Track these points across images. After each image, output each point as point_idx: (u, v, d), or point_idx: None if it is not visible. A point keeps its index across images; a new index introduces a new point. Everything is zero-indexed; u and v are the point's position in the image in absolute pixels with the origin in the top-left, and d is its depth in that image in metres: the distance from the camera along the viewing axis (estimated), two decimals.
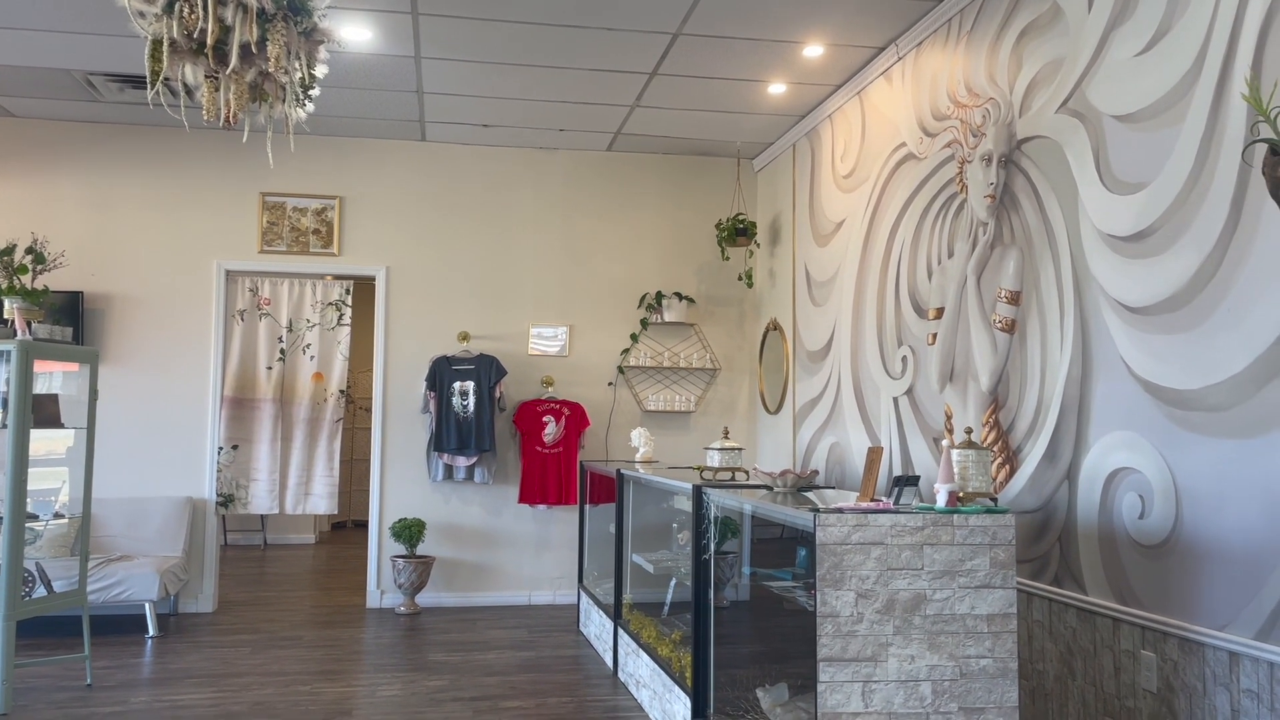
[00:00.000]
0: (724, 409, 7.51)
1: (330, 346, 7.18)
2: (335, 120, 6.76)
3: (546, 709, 4.59)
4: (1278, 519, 2.86)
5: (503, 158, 7.34)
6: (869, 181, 5.72)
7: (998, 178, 4.36)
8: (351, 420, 11.30)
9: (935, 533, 2.90)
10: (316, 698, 4.73)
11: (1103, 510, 3.62)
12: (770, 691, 3.67)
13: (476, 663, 5.43)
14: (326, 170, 7.12)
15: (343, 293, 7.21)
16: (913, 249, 5.16)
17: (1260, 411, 2.93)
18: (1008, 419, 4.24)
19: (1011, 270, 4.24)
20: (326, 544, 10.33)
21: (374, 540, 6.98)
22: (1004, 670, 2.90)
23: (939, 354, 4.84)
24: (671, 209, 7.52)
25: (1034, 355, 4.07)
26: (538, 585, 7.17)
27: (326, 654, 5.60)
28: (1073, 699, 3.74)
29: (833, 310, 6.18)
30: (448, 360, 6.98)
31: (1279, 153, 2.20)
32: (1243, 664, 2.97)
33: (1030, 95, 4.14)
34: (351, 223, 7.12)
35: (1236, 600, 3.00)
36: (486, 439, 6.89)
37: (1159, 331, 3.35)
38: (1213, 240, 3.12)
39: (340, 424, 7.18)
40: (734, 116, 6.57)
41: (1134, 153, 3.50)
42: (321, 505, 7.15)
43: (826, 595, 2.84)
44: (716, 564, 4.09)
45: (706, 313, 7.52)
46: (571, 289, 7.36)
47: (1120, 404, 3.53)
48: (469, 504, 7.12)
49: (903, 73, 5.33)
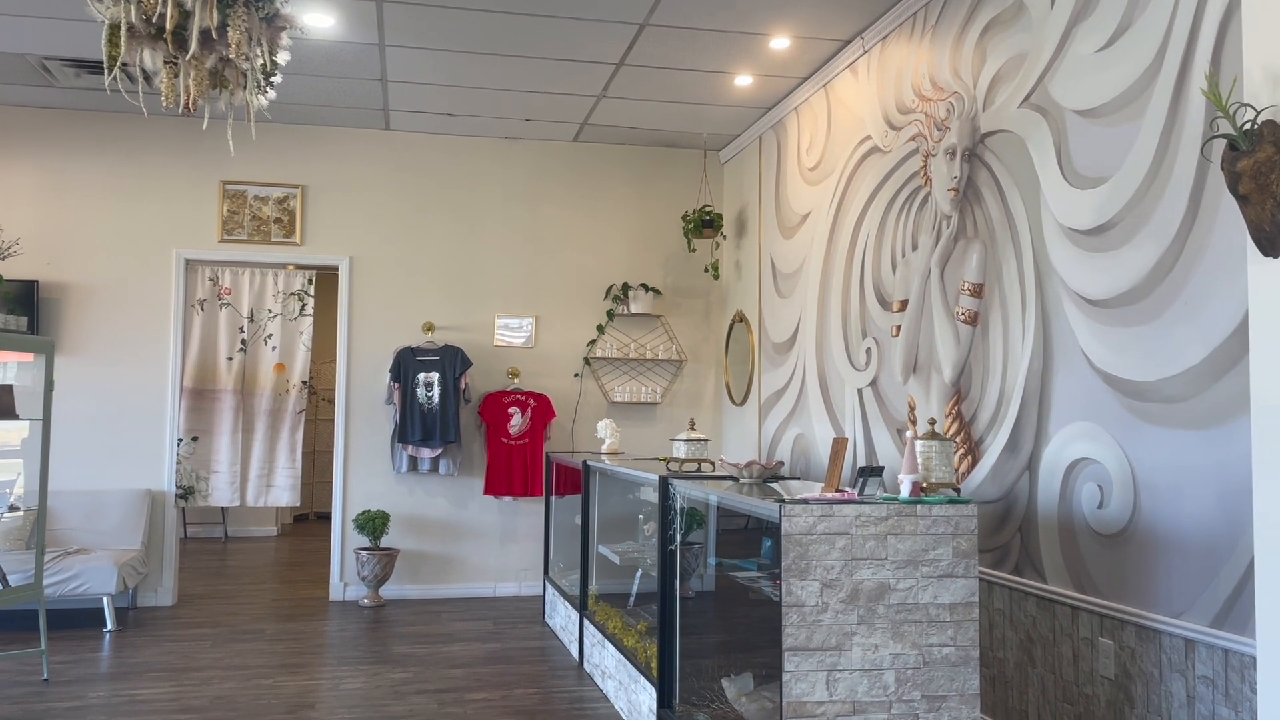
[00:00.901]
0: (690, 400, 7.53)
1: (292, 337, 7.10)
2: (297, 108, 6.68)
3: (511, 700, 4.58)
4: (1233, 509, 2.91)
5: (468, 147, 7.29)
6: (834, 174, 5.75)
7: (961, 171, 4.40)
8: (314, 412, 11.20)
9: (899, 523, 2.93)
10: (278, 691, 4.69)
11: (1063, 500, 3.67)
12: (735, 681, 3.69)
13: (441, 655, 5.41)
14: (288, 158, 7.04)
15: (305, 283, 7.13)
16: (877, 242, 5.19)
17: (1216, 403, 2.98)
18: (970, 410, 4.28)
19: (974, 263, 4.28)
20: (289, 536, 10.23)
21: (337, 532, 6.93)
22: (966, 658, 2.93)
23: (903, 346, 4.88)
24: (638, 200, 7.51)
25: (996, 347, 4.11)
26: (503, 577, 7.15)
27: (289, 647, 5.55)
28: (1032, 686, 3.79)
29: (798, 302, 6.21)
30: (412, 351, 6.93)
31: (1237, 148, 2.24)
32: (1198, 651, 3.03)
33: (994, 90, 4.18)
34: (314, 212, 7.04)
35: (1192, 588, 3.06)
36: (451, 430, 6.86)
37: (1118, 324, 3.40)
38: (1171, 234, 3.17)
39: (302, 415, 7.11)
40: (701, 108, 6.57)
41: (1095, 147, 3.54)
42: (283, 497, 7.08)
43: (792, 585, 2.86)
44: (682, 555, 4.10)
45: (673, 304, 7.52)
46: (538, 280, 7.33)
47: (1080, 396, 3.58)
48: (434, 496, 7.08)
49: (868, 66, 5.36)
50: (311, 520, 11.40)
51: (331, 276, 7.36)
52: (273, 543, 9.79)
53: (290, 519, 11.11)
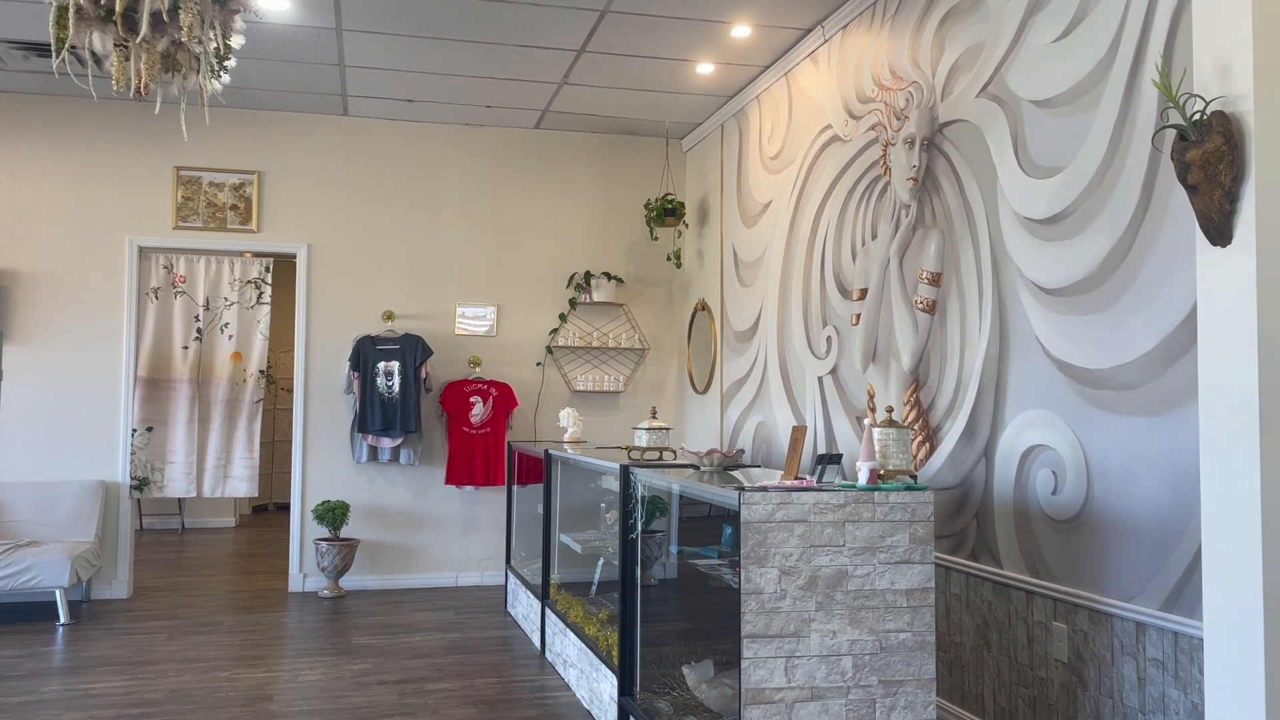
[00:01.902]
0: (652, 389, 7.53)
1: (249, 326, 7.01)
2: (253, 93, 6.57)
3: (473, 690, 4.57)
4: (1183, 494, 2.97)
5: (428, 134, 7.22)
6: (795, 163, 5.76)
7: (920, 161, 4.43)
8: (273, 401, 11.07)
9: (857, 510, 2.95)
10: (236, 684, 4.64)
11: (1018, 486, 3.72)
12: (696, 668, 3.71)
13: (402, 645, 5.38)
14: (244, 144, 6.93)
15: (262, 270, 7.03)
16: (838, 231, 5.22)
17: (1167, 390, 3.03)
18: (928, 398, 4.32)
19: (932, 252, 4.32)
20: (247, 527, 10.12)
21: (296, 523, 6.86)
22: (922, 643, 2.96)
23: (862, 334, 4.91)
24: (600, 188, 7.48)
25: (953, 335, 4.15)
26: (465, 567, 7.12)
27: (247, 639, 5.50)
28: (988, 670, 3.84)
29: (760, 291, 6.22)
30: (372, 340, 6.86)
31: (1187, 138, 2.27)
32: (1149, 634, 3.08)
33: (952, 79, 4.21)
34: (271, 199, 6.94)
35: (1143, 572, 3.11)
36: (412, 420, 6.81)
37: (1072, 312, 3.44)
38: (1124, 224, 3.21)
39: (260, 405, 7.02)
40: (663, 96, 6.55)
41: (1051, 137, 3.58)
42: (241, 488, 6.99)
43: (751, 572, 2.87)
44: (644, 543, 4.10)
45: (635, 293, 7.51)
46: (499, 268, 7.29)
47: (1035, 383, 3.63)
48: (394, 486, 7.03)
49: (829, 55, 5.37)
50: (270, 511, 11.28)
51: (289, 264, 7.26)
52: (231, 534, 9.68)
53: (249, 510, 10.99)
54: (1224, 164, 2.22)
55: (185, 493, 6.85)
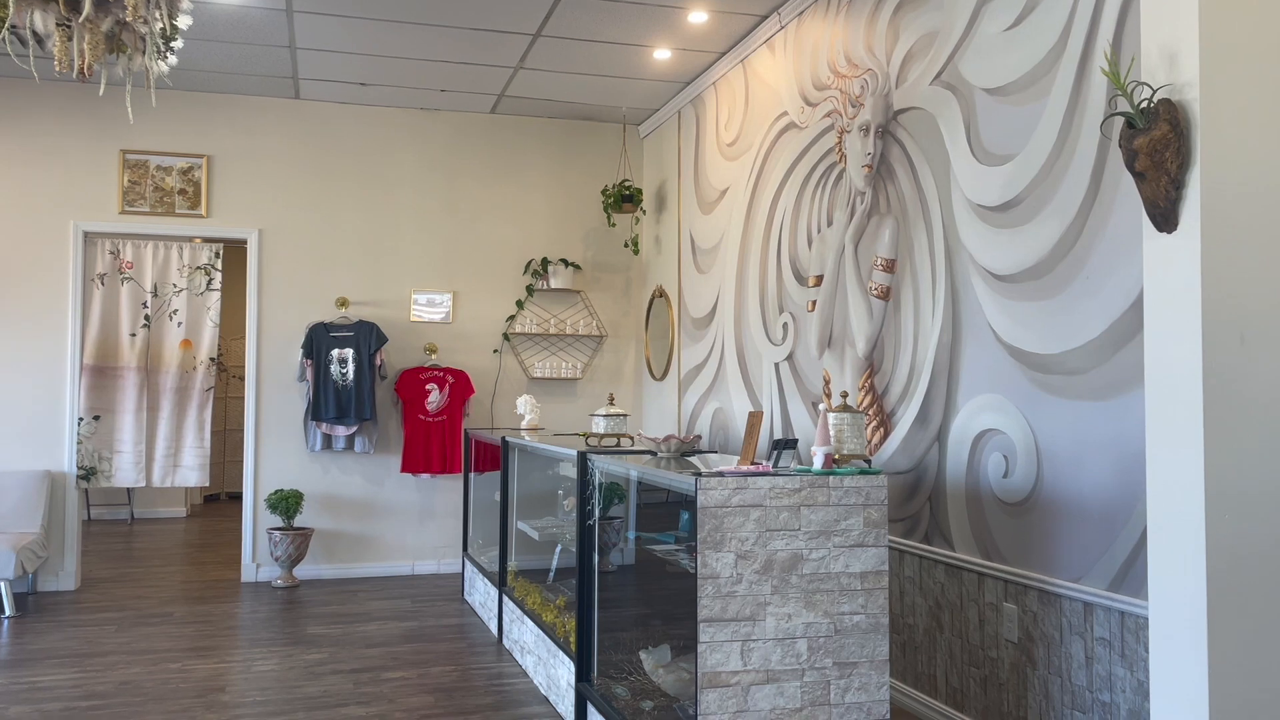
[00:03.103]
0: (610, 376, 7.52)
1: (199, 312, 6.88)
2: (202, 75, 6.44)
3: (429, 678, 4.55)
4: (1130, 477, 3.03)
5: (382, 118, 7.12)
6: (752, 150, 5.78)
7: (875, 148, 4.45)
8: (224, 389, 10.90)
9: (812, 494, 2.97)
10: (187, 675, 4.57)
11: (970, 470, 3.77)
12: (653, 653, 3.72)
13: (357, 634, 5.33)
14: (193, 127, 6.79)
15: (212, 256, 6.91)
16: (794, 217, 5.24)
17: (1115, 375, 3.09)
18: (883, 383, 4.36)
19: (887, 239, 4.35)
20: (199, 517, 9.97)
21: (248, 512, 6.77)
22: (876, 625, 3.00)
23: (818, 320, 4.94)
24: (557, 174, 7.44)
25: (908, 322, 4.19)
26: (421, 555, 7.08)
27: (198, 630, 5.42)
28: (940, 651, 3.90)
29: (717, 278, 6.24)
30: (325, 327, 6.77)
31: (1134, 126, 2.30)
32: (1096, 614, 3.14)
33: (906, 67, 4.23)
34: (221, 183, 6.82)
35: (1091, 554, 3.17)
36: (367, 408, 6.74)
37: (1023, 299, 3.49)
38: (1074, 211, 3.26)
39: (211, 393, 6.91)
40: (620, 81, 6.53)
41: (1002, 125, 3.62)
42: (192, 477, 6.88)
43: (707, 557, 2.88)
44: (602, 529, 4.10)
45: (593, 279, 7.49)
46: (455, 255, 7.23)
47: (987, 368, 3.68)
48: (349, 474, 6.96)
49: (785, 42, 5.38)
50: (223, 500, 11.12)
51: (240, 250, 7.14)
52: (182, 524, 9.53)
53: (200, 499, 10.83)
54: (1170, 151, 2.25)
55: (134, 482, 6.73)
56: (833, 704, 2.95)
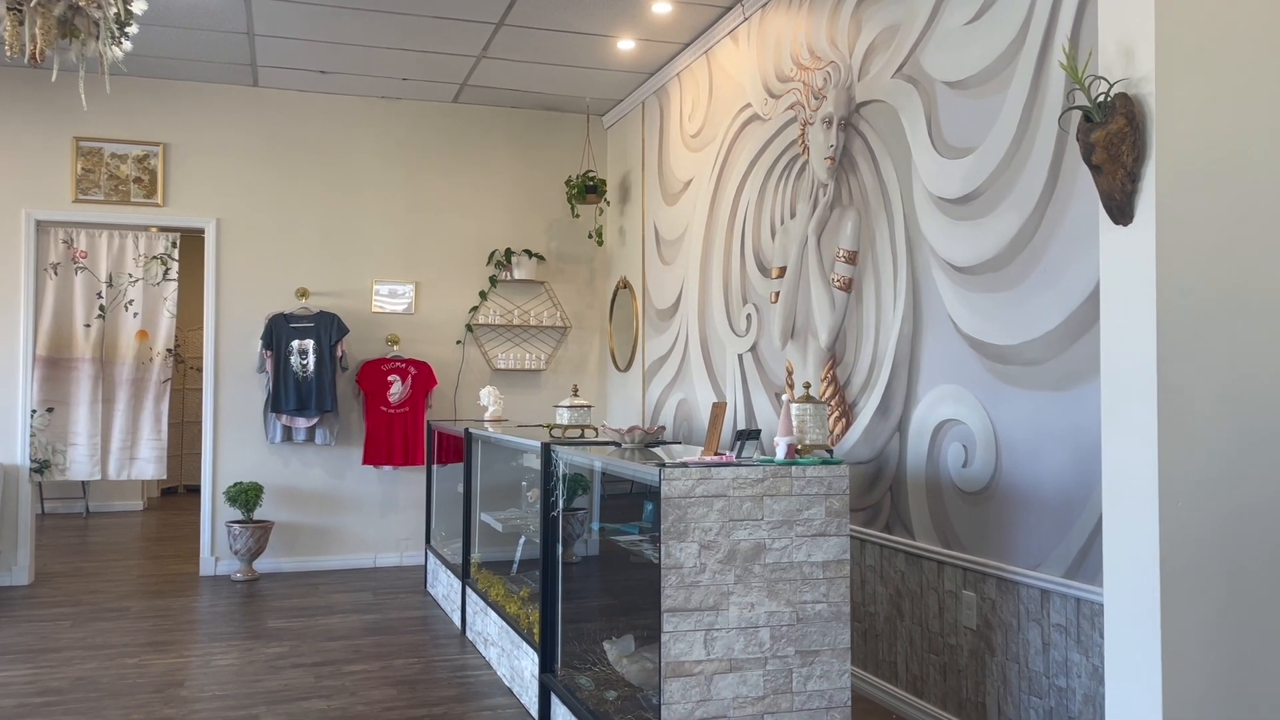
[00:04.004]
0: (574, 367, 7.51)
1: (155, 303, 6.78)
2: (157, 61, 6.32)
3: (392, 671, 4.52)
4: (1086, 466, 3.07)
5: (343, 106, 7.04)
6: (716, 141, 5.78)
7: (837, 140, 4.48)
8: (182, 381, 10.75)
9: (775, 484, 2.99)
10: (145, 670, 4.51)
11: (930, 460, 3.81)
12: (617, 643, 3.72)
13: (318, 627, 5.29)
14: (149, 114, 6.67)
15: (168, 245, 6.80)
16: (757, 209, 5.26)
17: (1072, 365, 3.13)
18: (845, 374, 4.39)
19: (849, 231, 4.38)
20: (156, 510, 9.83)
21: (207, 505, 6.68)
22: (837, 614, 3.02)
23: (781, 312, 4.96)
24: (521, 164, 7.41)
25: (869, 313, 4.22)
26: (384, 547, 7.03)
27: (156, 625, 5.34)
28: (901, 638, 3.94)
29: (681, 269, 6.24)
30: (285, 318, 6.70)
31: (1091, 119, 2.33)
32: (1053, 600, 3.19)
33: (868, 60, 4.26)
34: (177, 171, 6.71)
35: (1048, 541, 3.22)
36: (328, 399, 6.68)
37: (983, 290, 3.53)
38: (1032, 203, 3.30)
39: (168, 384, 6.81)
40: (583, 72, 6.50)
41: (963, 118, 3.65)
42: (149, 470, 6.78)
43: (671, 547, 2.89)
44: (566, 520, 4.10)
45: (557, 270, 7.47)
46: (418, 245, 7.17)
47: (947, 359, 3.71)
48: (310, 466, 6.89)
49: (749, 33, 5.39)
50: (181, 493, 10.98)
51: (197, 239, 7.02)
52: (139, 517, 9.39)
53: (158, 492, 10.68)
54: (1126, 145, 2.29)
55: (89, 475, 6.62)
56: (795, 692, 2.97)
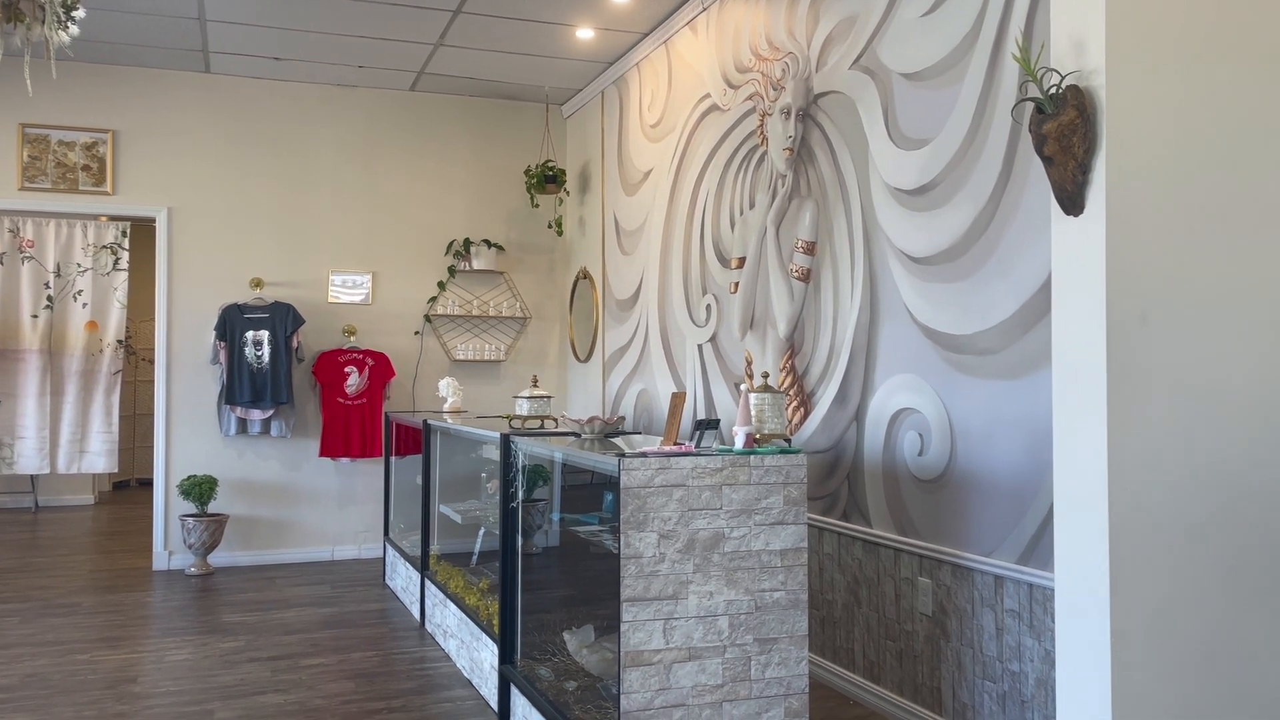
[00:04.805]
0: (534, 358, 7.48)
1: (105, 293, 6.65)
2: (106, 46, 6.19)
3: (350, 664, 4.49)
4: (1038, 453, 3.12)
5: (297, 94, 6.94)
6: (675, 132, 5.78)
7: (796, 131, 4.49)
8: (133, 372, 10.56)
9: (733, 473, 3.00)
10: (97, 666, 4.44)
11: (887, 448, 3.84)
12: (577, 634, 3.73)
13: (275, 621, 5.23)
14: (97, 101, 6.53)
15: (119, 235, 6.67)
16: (717, 200, 5.27)
17: (1025, 354, 3.18)
18: (803, 364, 4.42)
19: (807, 221, 4.40)
20: (108, 504, 9.66)
21: (160, 499, 6.57)
22: (795, 601, 3.05)
23: (740, 302, 4.98)
24: (479, 154, 7.35)
25: (827, 303, 4.25)
26: (341, 540, 6.97)
27: (108, 620, 5.26)
28: (858, 625, 3.99)
29: (641, 259, 6.24)
30: (239, 308, 6.60)
31: (1044, 111, 2.36)
32: (1006, 586, 3.24)
33: (826, 51, 4.28)
34: (127, 159, 6.57)
35: (1002, 528, 3.27)
36: (283, 391, 6.60)
37: (938, 280, 3.56)
38: (987, 194, 3.33)
39: (119, 376, 6.69)
40: (542, 61, 6.47)
41: (919, 110, 3.68)
42: (99, 464, 6.67)
43: (630, 537, 2.89)
44: (526, 511, 4.09)
45: (516, 260, 7.43)
46: (375, 234, 7.10)
47: (903, 349, 3.75)
48: (265, 459, 6.81)
49: (707, 24, 5.39)
50: (133, 487, 10.79)
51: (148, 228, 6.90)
52: (90, 511, 9.22)
53: (109, 486, 10.49)
54: (1077, 136, 2.32)
55: (37, 469, 6.49)
56: (753, 679, 2.99)
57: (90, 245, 6.61)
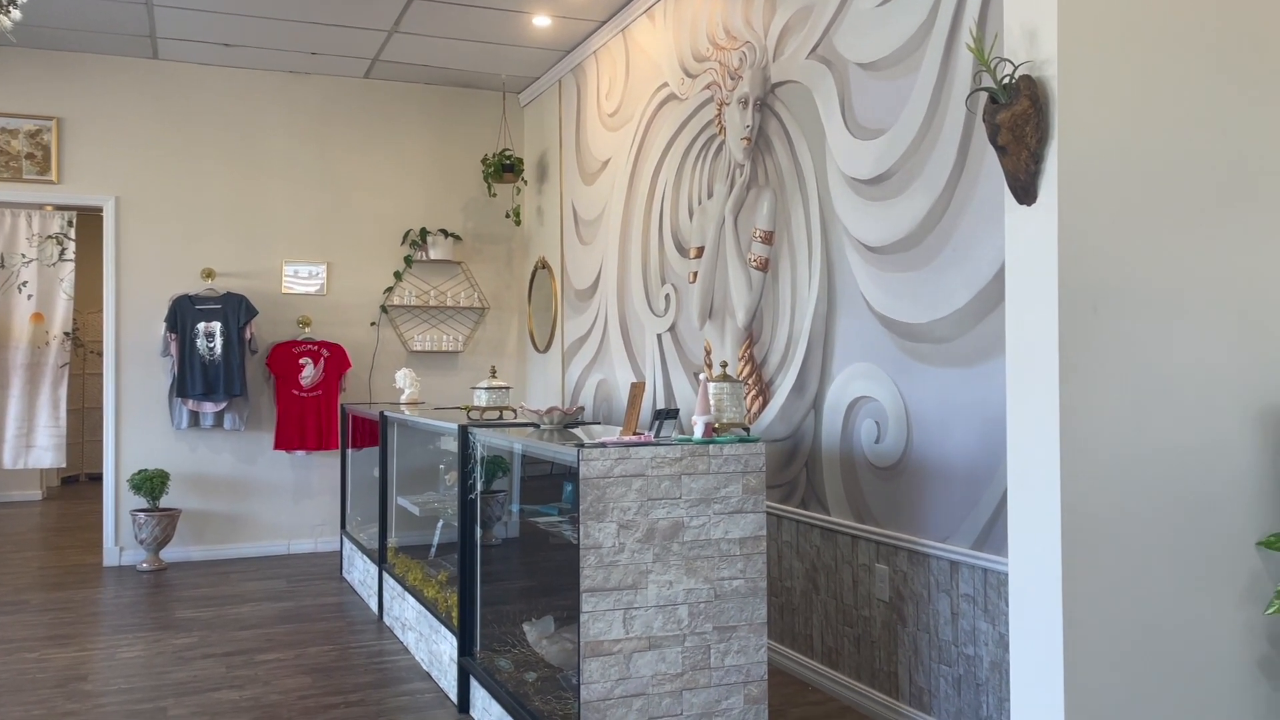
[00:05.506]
0: (493, 348, 7.44)
1: (51, 284, 6.50)
2: (50, 32, 6.03)
3: (306, 659, 4.44)
4: (992, 440, 3.16)
5: (249, 81, 6.82)
6: (633, 121, 5.76)
7: (753, 120, 4.50)
8: (81, 365, 10.34)
9: (692, 463, 3.00)
10: (46, 665, 4.35)
11: (844, 436, 3.87)
12: (536, 625, 3.71)
13: (229, 617, 5.16)
14: (41, 87, 6.37)
15: (64, 224, 6.52)
16: (675, 189, 5.26)
17: (979, 343, 3.21)
18: (761, 353, 4.44)
19: (765, 211, 4.41)
20: (56, 500, 9.46)
21: (110, 494, 6.45)
22: (754, 589, 3.06)
23: (699, 292, 4.98)
24: (436, 142, 7.28)
25: (785, 292, 4.26)
26: (297, 534, 6.89)
27: (57, 618, 5.15)
28: (817, 612, 4.02)
29: (600, 249, 6.22)
30: (190, 299, 6.48)
31: (997, 101, 2.38)
32: (961, 571, 3.28)
33: (783, 40, 4.28)
34: (73, 147, 6.42)
35: (957, 514, 3.31)
36: (236, 383, 6.49)
37: (894, 270, 3.59)
38: (942, 184, 3.36)
39: (66, 369, 6.55)
40: (499, 48, 6.41)
41: (875, 99, 3.70)
42: (47, 458, 6.52)
43: (590, 528, 2.89)
44: (485, 503, 4.06)
45: (474, 250, 7.37)
46: (329, 224, 7.00)
47: (860, 337, 3.78)
48: (219, 452, 6.70)
49: (665, 12, 5.37)
50: (82, 482, 10.58)
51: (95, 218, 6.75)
52: (38, 507, 9.03)
53: (57, 481, 10.28)
54: (1030, 126, 2.34)
55: None
56: (713, 667, 3.00)
57: (35, 235, 6.45)
